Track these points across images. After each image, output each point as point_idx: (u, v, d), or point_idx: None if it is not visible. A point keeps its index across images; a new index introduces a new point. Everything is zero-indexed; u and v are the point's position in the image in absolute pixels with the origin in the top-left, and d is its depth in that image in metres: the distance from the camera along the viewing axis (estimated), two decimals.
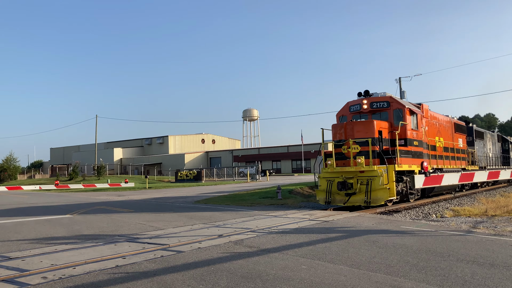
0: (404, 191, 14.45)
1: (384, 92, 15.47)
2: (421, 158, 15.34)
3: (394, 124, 14.48)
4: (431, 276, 5.06)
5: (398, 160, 13.56)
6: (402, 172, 14.17)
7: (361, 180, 13.23)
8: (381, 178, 12.86)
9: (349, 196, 13.33)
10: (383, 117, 14.91)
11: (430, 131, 16.90)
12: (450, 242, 7.27)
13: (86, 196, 28.25)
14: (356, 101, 15.64)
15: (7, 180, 65.29)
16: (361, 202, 13.11)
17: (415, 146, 15.11)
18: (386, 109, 14.93)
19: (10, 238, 9.09)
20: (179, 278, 5.17)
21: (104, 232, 9.55)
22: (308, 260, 6.03)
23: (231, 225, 10.10)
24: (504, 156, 30.26)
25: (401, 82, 34.96)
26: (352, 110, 15.65)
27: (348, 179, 13.43)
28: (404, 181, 14.25)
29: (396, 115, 14.71)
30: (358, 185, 13.25)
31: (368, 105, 15.05)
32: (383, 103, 14.94)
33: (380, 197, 12.82)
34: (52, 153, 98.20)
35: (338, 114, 16.42)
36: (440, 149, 17.70)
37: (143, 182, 47.47)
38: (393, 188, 13.12)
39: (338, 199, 13.75)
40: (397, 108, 14.75)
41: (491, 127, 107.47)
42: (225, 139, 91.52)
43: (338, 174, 13.77)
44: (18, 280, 5.27)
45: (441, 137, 18.06)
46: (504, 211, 11.68)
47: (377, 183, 12.88)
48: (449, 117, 20.12)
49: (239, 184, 38.41)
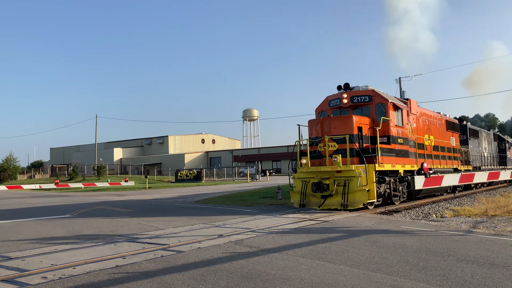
0: (387, 193, 13.41)
1: (366, 86, 14.29)
2: (407, 157, 14.42)
3: (376, 120, 13.42)
4: (431, 276, 5.06)
5: (379, 159, 12.54)
6: (385, 172, 13.21)
7: (338, 181, 12.27)
8: (359, 179, 11.88)
9: (325, 198, 12.44)
10: (364, 112, 13.78)
11: (418, 128, 15.97)
12: (450, 242, 7.27)
13: (86, 196, 28.25)
14: (335, 95, 14.50)
15: (7, 180, 65.27)
16: (337, 205, 12.18)
17: (400, 144, 14.07)
18: (368, 104, 13.79)
19: (10, 238, 9.09)
20: (179, 278, 5.17)
21: (104, 232, 9.55)
22: (308, 260, 6.03)
23: (231, 225, 10.10)
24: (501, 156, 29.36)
25: (401, 82, 34.99)
26: (331, 105, 14.51)
27: (324, 180, 12.47)
28: (386, 182, 13.16)
29: (379, 110, 13.60)
30: (335, 186, 12.26)
31: (348, 100, 13.94)
32: (365, 97, 13.76)
33: (358, 199, 11.90)
34: (52, 153, 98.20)
35: (317, 109, 15.21)
36: (430, 147, 16.81)
37: (143, 182, 47.46)
38: (373, 189, 12.14)
39: (314, 202, 12.82)
40: (379, 103, 13.62)
41: (491, 127, 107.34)
42: (225, 139, 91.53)
43: (313, 174, 12.79)
44: (18, 280, 5.27)
45: (431, 135, 17.14)
46: (504, 211, 11.68)
47: (355, 184, 11.93)
48: (441, 114, 19.20)
49: (239, 184, 38.41)
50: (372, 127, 13.21)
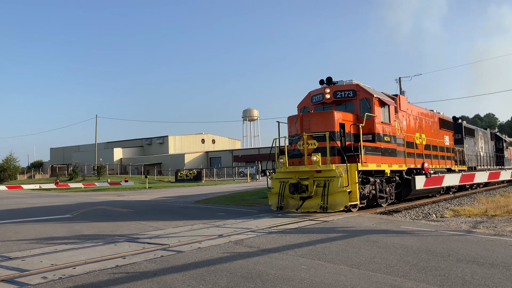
0: (371, 195, 12.65)
1: (350, 80, 13.49)
2: (394, 156, 13.71)
3: (360, 117, 12.65)
4: (431, 276, 5.06)
5: (362, 158, 11.72)
6: (370, 173, 12.50)
7: (317, 181, 11.53)
8: (340, 179, 11.16)
9: (304, 200, 11.65)
10: (349, 108, 13.09)
11: (408, 126, 15.31)
12: (450, 242, 7.27)
13: (86, 196, 28.25)
14: (318, 90, 13.71)
15: (7, 180, 65.28)
16: (316, 207, 11.44)
17: (386, 142, 13.27)
18: (352, 99, 13.02)
19: (10, 238, 9.09)
20: (179, 278, 5.17)
21: (104, 232, 9.55)
22: (308, 260, 6.03)
23: (231, 225, 10.10)
24: (498, 156, 28.38)
25: (401, 82, 35.02)
26: (314, 100, 13.72)
27: (303, 180, 11.71)
28: (371, 182, 12.38)
29: (363, 105, 12.83)
30: (314, 187, 11.53)
31: (331, 95, 13.16)
32: (349, 92, 13.01)
33: (339, 201, 11.17)
34: (52, 153, 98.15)
35: (299, 105, 14.37)
36: (421, 146, 16.12)
37: (143, 182, 47.45)
38: (355, 191, 11.44)
39: (292, 204, 12.02)
40: (364, 98, 12.85)
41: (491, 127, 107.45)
42: (225, 139, 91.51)
43: (292, 174, 12.04)
44: (18, 280, 5.27)
45: (422, 133, 16.48)
46: (504, 211, 11.67)
47: (336, 185, 11.20)
48: (434, 112, 18.52)
49: (239, 184, 38.41)
50: (356, 124, 12.40)
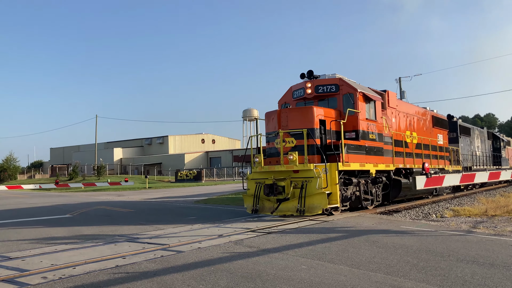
0: (354, 197, 11.92)
1: (333, 74, 12.77)
2: (381, 156, 12.94)
3: (343, 113, 11.96)
4: (431, 276, 5.06)
5: (343, 156, 10.93)
6: (352, 173, 11.76)
7: (295, 182, 10.78)
8: (318, 180, 10.38)
9: (280, 202, 10.86)
10: (331, 104, 12.36)
11: (398, 123, 14.64)
12: (450, 242, 7.27)
13: (86, 196, 28.26)
14: (299, 84, 12.97)
15: (7, 180, 65.25)
16: (293, 210, 10.64)
17: (372, 141, 12.48)
18: (335, 94, 12.29)
19: (10, 238, 9.09)
20: (179, 278, 5.17)
21: (104, 232, 9.55)
22: (308, 260, 6.03)
23: (231, 225, 10.10)
24: (495, 155, 27.73)
25: (401, 82, 35.03)
26: (295, 96, 12.97)
27: (279, 181, 10.90)
28: (354, 183, 11.61)
29: (347, 101, 12.08)
30: (291, 188, 10.75)
31: (312, 89, 12.42)
32: (331, 87, 12.27)
33: (317, 204, 10.35)
34: (52, 153, 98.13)
35: (280, 101, 13.59)
36: (412, 145, 15.40)
37: (143, 182, 47.44)
38: (335, 192, 10.71)
39: (268, 207, 11.17)
40: (347, 93, 12.08)
41: (491, 127, 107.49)
42: (225, 139, 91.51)
43: (268, 175, 11.24)
44: (18, 280, 5.27)
45: (414, 131, 15.78)
46: (504, 211, 11.68)
47: (314, 187, 10.43)
48: (427, 109, 17.81)
49: (239, 184, 38.40)
50: (338, 120, 11.65)
